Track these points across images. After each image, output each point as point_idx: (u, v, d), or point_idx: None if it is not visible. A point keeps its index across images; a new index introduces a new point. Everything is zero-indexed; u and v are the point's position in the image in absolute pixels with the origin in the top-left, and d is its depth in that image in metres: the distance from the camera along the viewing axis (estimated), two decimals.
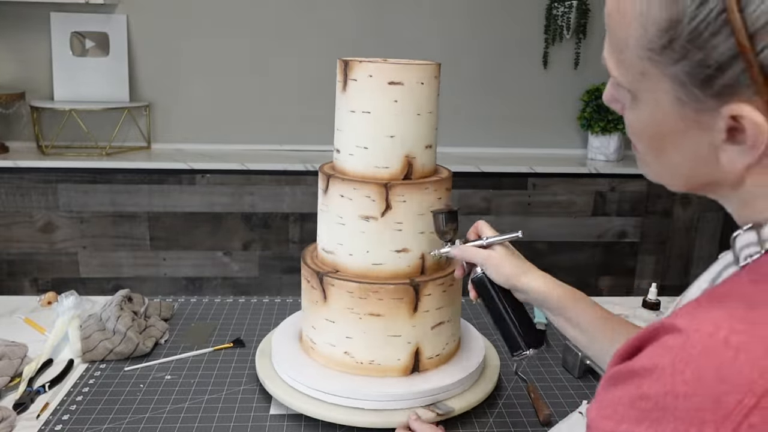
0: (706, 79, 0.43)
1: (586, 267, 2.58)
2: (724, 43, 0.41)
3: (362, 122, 1.00)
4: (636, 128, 0.51)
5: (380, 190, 0.98)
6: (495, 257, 0.86)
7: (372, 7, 2.56)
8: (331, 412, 0.97)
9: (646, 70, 0.47)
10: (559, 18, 2.61)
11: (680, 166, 0.50)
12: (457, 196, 2.41)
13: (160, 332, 1.25)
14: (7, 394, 1.06)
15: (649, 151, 0.52)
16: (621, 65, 0.49)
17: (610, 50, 0.50)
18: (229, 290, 2.45)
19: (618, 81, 0.50)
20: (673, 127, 0.47)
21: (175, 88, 2.57)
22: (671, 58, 0.44)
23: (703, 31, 0.42)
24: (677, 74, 0.44)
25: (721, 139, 0.45)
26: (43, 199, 2.29)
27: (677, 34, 0.43)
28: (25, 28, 2.46)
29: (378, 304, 0.99)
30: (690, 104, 0.45)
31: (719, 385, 0.37)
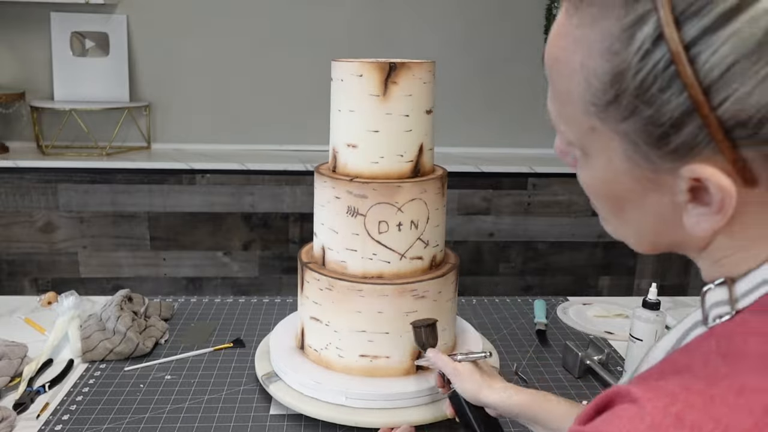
0: (660, 138, 0.38)
1: (586, 267, 2.58)
2: (676, 97, 0.36)
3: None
4: (590, 187, 0.46)
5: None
6: (461, 370, 0.87)
7: (372, 7, 2.56)
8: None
9: (594, 125, 0.41)
10: None
11: (643, 228, 0.45)
12: (457, 196, 2.41)
13: (160, 332, 1.25)
14: (7, 394, 1.06)
15: (607, 211, 0.47)
16: (567, 120, 0.44)
17: (553, 103, 0.45)
18: (229, 290, 2.45)
19: (565, 137, 0.45)
20: (629, 187, 0.42)
21: (175, 88, 2.57)
22: (619, 115, 0.39)
23: (650, 85, 0.37)
24: (628, 132, 0.39)
25: (684, 199, 0.40)
26: (43, 199, 2.29)
27: (623, 88, 0.38)
28: (25, 28, 2.46)
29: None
30: (645, 164, 0.40)
31: None
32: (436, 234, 1.06)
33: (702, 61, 0.35)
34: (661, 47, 0.36)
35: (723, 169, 0.37)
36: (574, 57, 0.41)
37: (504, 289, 2.53)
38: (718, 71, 0.35)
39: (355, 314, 1.01)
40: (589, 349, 1.19)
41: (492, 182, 2.44)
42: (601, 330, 1.35)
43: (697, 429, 0.33)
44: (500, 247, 2.51)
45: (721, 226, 0.39)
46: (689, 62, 0.35)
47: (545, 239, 2.53)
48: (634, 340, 1.10)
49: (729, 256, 0.42)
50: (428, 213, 1.03)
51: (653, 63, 0.36)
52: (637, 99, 0.38)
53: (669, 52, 0.36)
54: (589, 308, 1.46)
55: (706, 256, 0.44)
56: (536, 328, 1.34)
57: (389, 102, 0.98)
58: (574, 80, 0.41)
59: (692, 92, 0.35)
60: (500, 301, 1.49)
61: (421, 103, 1.00)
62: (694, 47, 0.35)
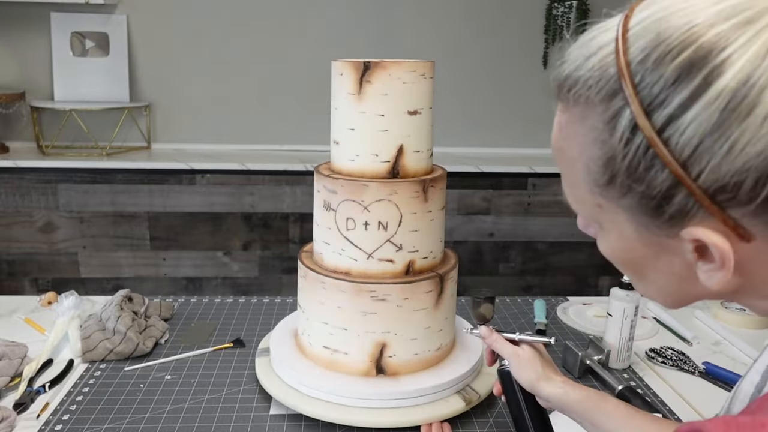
0: (655, 209, 0.43)
1: (586, 267, 2.58)
2: (661, 174, 0.41)
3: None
4: (610, 256, 0.51)
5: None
6: (521, 356, 0.84)
7: (372, 8, 2.56)
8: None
9: (600, 203, 0.47)
10: (559, 18, 2.61)
11: (665, 287, 0.49)
12: (457, 196, 2.41)
13: (160, 332, 1.25)
14: (7, 394, 1.06)
15: (631, 275, 0.52)
16: (579, 201, 0.49)
17: (565, 186, 0.51)
18: (229, 290, 2.45)
19: (582, 215, 0.51)
20: (643, 252, 0.47)
21: (175, 88, 2.57)
22: (618, 193, 0.45)
23: (637, 166, 0.42)
24: (629, 206, 0.45)
25: (692, 258, 0.44)
26: (43, 199, 2.29)
27: (615, 170, 0.43)
28: (25, 28, 2.46)
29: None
30: (650, 231, 0.45)
31: None
32: (415, 239, 1.02)
33: (674, 143, 0.40)
34: (639, 134, 0.41)
35: (717, 228, 0.41)
36: (573, 147, 0.47)
37: (504, 289, 2.53)
38: (689, 150, 0.40)
39: (319, 305, 1.03)
40: (589, 349, 1.19)
41: (492, 182, 2.44)
42: (601, 330, 1.35)
43: None
44: (500, 247, 2.51)
45: (731, 278, 0.43)
46: (664, 144, 0.40)
47: (545, 239, 2.53)
48: (609, 315, 1.20)
49: (765, 294, 0.45)
50: (400, 216, 1.00)
51: (635, 148, 0.42)
52: (629, 178, 0.43)
53: (645, 138, 0.41)
54: (589, 308, 1.46)
55: (750, 297, 0.47)
56: (536, 328, 1.34)
57: (364, 101, 0.98)
58: (576, 167, 0.47)
59: (672, 168, 0.40)
60: (500, 301, 1.49)
61: (400, 104, 0.98)
62: (664, 132, 0.40)
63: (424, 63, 1.00)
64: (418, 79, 0.99)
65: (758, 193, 0.39)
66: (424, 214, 1.02)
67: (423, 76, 0.99)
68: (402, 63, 0.97)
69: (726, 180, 0.39)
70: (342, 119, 1.01)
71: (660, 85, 0.40)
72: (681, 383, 1.15)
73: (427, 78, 1.00)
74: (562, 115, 0.47)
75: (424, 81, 1.00)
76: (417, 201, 1.01)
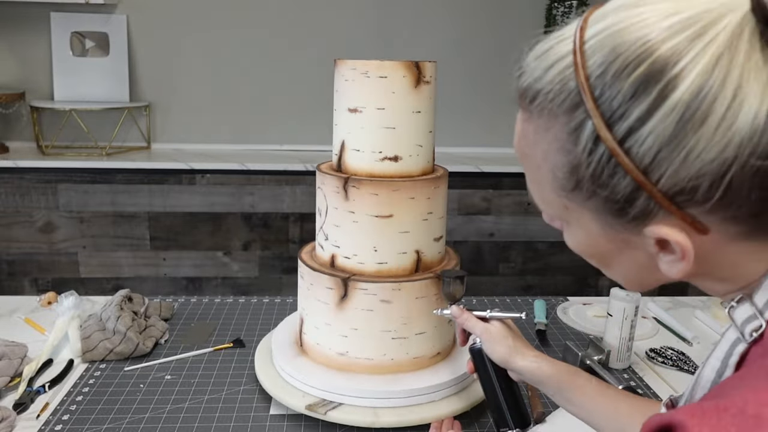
0: (619, 210, 0.45)
1: (586, 267, 2.56)
2: (623, 180, 0.44)
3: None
4: (577, 249, 0.55)
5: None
6: (492, 332, 0.86)
7: (372, 8, 2.56)
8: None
9: (566, 204, 0.50)
10: (559, 18, 2.61)
11: (629, 275, 0.53)
12: (457, 196, 2.41)
13: (160, 332, 1.25)
14: (7, 394, 1.06)
15: (597, 265, 0.55)
16: (544, 201, 0.52)
17: (530, 187, 0.53)
18: (229, 290, 2.45)
19: (548, 213, 0.54)
20: (608, 247, 0.50)
21: (175, 88, 2.57)
22: (584, 196, 0.47)
23: (600, 173, 0.44)
24: (594, 207, 0.47)
25: (654, 251, 0.47)
26: (43, 199, 2.29)
27: (580, 177, 0.46)
28: (25, 28, 2.46)
29: None
30: (615, 229, 0.48)
31: None
32: (338, 235, 1.04)
33: (635, 152, 0.42)
34: (601, 145, 0.43)
35: (676, 224, 0.44)
36: (537, 154, 0.49)
37: (504, 289, 2.53)
38: (648, 158, 0.42)
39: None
40: (589, 349, 1.19)
41: (492, 182, 2.44)
42: (601, 330, 1.35)
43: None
44: (500, 247, 2.51)
45: (692, 268, 0.46)
46: (625, 154, 0.43)
47: (545, 239, 2.53)
48: (609, 315, 1.21)
49: (724, 279, 0.48)
50: (326, 206, 1.05)
51: (598, 157, 0.44)
52: (593, 185, 0.45)
53: (607, 148, 0.43)
54: (589, 308, 1.46)
55: (704, 281, 0.50)
56: (536, 328, 1.34)
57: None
58: (542, 172, 0.49)
59: (634, 175, 0.43)
60: (500, 301, 1.49)
61: (342, 101, 1.02)
62: (625, 143, 0.43)
63: (367, 62, 1.00)
64: (358, 77, 1.00)
65: (713, 195, 0.42)
66: (345, 213, 1.02)
67: (365, 74, 0.99)
68: (346, 61, 1.00)
69: (684, 184, 0.42)
70: None
71: (619, 100, 0.42)
72: (681, 383, 1.15)
73: (371, 77, 0.99)
74: (526, 124, 0.49)
75: (366, 80, 0.99)
76: (337, 198, 1.02)
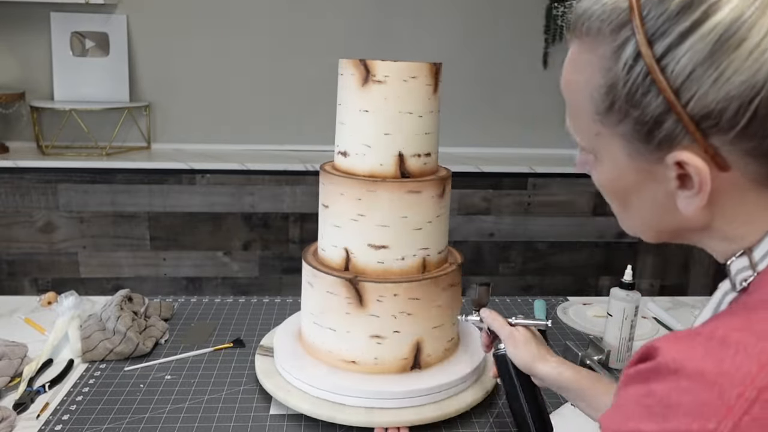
0: (647, 133, 0.48)
1: (586, 267, 2.58)
2: (655, 100, 0.46)
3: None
4: (602, 185, 0.56)
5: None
6: (517, 337, 0.89)
7: (372, 8, 2.56)
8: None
9: (599, 131, 0.52)
10: (559, 18, 2.61)
11: (647, 217, 0.54)
12: (457, 196, 2.41)
13: (160, 332, 1.25)
14: (7, 394, 1.06)
15: (618, 206, 0.56)
16: (580, 130, 0.54)
17: (569, 118, 0.55)
18: (229, 290, 2.45)
19: (581, 144, 0.55)
20: (632, 180, 0.52)
21: (175, 88, 2.57)
22: (616, 119, 0.49)
23: (635, 91, 0.47)
24: (624, 132, 0.49)
25: (674, 186, 0.49)
26: (43, 199, 2.29)
27: (616, 97, 0.48)
28: (25, 28, 2.46)
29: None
30: (640, 157, 0.50)
31: (720, 380, 0.39)
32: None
33: (670, 70, 0.45)
34: (640, 62, 0.46)
35: (699, 154, 0.46)
36: (581, 78, 0.52)
37: (504, 289, 2.53)
38: (682, 78, 0.44)
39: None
40: (589, 349, 1.19)
41: (492, 182, 2.44)
42: (601, 330, 1.35)
43: (742, 346, 0.40)
44: (500, 247, 2.51)
45: (706, 205, 0.48)
46: (661, 72, 0.45)
47: (545, 239, 2.53)
48: (609, 315, 1.20)
49: (733, 230, 0.50)
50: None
51: (636, 75, 0.46)
52: (627, 104, 0.48)
53: (645, 65, 0.46)
54: (589, 308, 1.46)
55: (710, 238, 0.52)
56: (536, 328, 1.33)
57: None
58: (581, 96, 0.52)
59: (666, 95, 0.45)
60: (500, 301, 1.49)
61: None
62: (663, 60, 0.45)
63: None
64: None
65: (738, 121, 0.44)
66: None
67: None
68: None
69: (711, 108, 0.44)
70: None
71: (664, 17, 0.45)
72: None
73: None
74: (575, 48, 0.52)
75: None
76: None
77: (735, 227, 0.49)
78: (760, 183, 0.47)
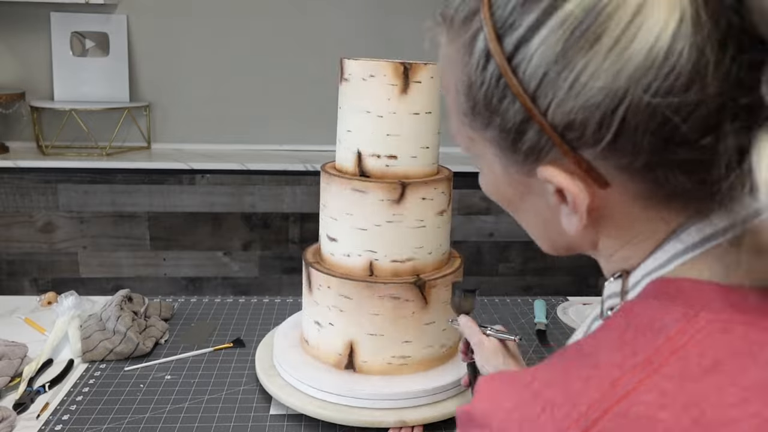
0: (512, 143, 0.40)
1: (586, 267, 2.58)
2: (512, 106, 0.38)
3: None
4: (486, 191, 0.49)
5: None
6: (486, 347, 0.85)
7: (372, 7, 2.56)
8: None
9: (471, 136, 0.44)
10: None
11: (535, 229, 0.48)
12: (457, 196, 2.41)
13: (160, 332, 1.25)
14: (7, 394, 1.06)
15: (509, 212, 0.49)
16: (455, 133, 0.47)
17: (449, 120, 0.48)
18: (229, 290, 2.45)
19: (461, 149, 0.48)
20: (511, 190, 0.45)
21: (175, 88, 2.56)
22: (481, 123, 0.41)
23: (492, 96, 0.39)
24: (492, 139, 0.42)
25: (553, 201, 0.41)
26: (43, 199, 2.29)
27: (476, 99, 0.40)
28: (25, 28, 2.46)
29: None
30: (513, 168, 0.42)
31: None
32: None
33: (522, 71, 0.37)
34: (492, 61, 0.38)
35: (570, 170, 0.38)
36: (447, 73, 0.43)
37: (504, 289, 2.53)
38: (536, 81, 0.36)
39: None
40: None
41: None
42: None
43: (549, 405, 0.35)
44: (500, 247, 2.51)
45: (588, 224, 0.41)
46: (513, 73, 0.37)
47: None
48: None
49: (617, 251, 0.44)
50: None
51: (489, 76, 0.39)
52: (487, 109, 0.40)
53: (497, 66, 0.38)
54: (589, 308, 1.46)
55: (599, 256, 0.46)
56: (536, 328, 1.34)
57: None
58: (450, 95, 0.44)
59: (522, 101, 0.37)
60: (500, 301, 1.49)
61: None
62: (514, 59, 0.37)
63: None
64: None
65: (603, 135, 0.36)
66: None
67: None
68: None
69: (572, 117, 0.36)
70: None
71: (511, 6, 0.37)
72: None
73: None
74: (441, 39, 0.44)
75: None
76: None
77: (619, 248, 0.43)
78: (644, 199, 0.39)
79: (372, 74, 0.97)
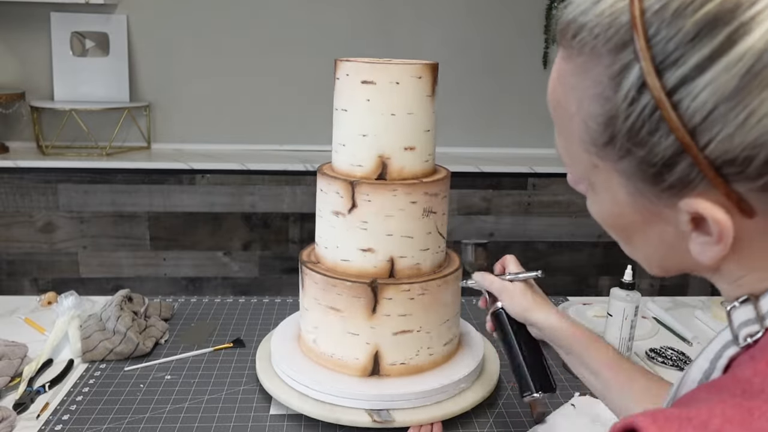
0: (655, 176, 0.40)
1: (586, 267, 2.58)
2: (665, 139, 0.38)
3: (340, 120, 1.02)
4: (599, 218, 0.48)
5: (347, 187, 1.00)
6: (511, 289, 0.88)
7: (372, 7, 2.56)
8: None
9: (595, 163, 0.44)
10: None
11: (652, 256, 0.47)
12: (457, 196, 2.41)
13: (160, 332, 1.25)
14: (7, 394, 1.06)
15: (618, 238, 0.49)
16: (572, 157, 0.46)
17: (559, 140, 0.47)
18: (229, 290, 2.45)
19: (572, 172, 0.48)
20: (634, 219, 0.44)
21: (175, 88, 2.57)
22: (616, 155, 0.41)
23: (640, 129, 0.39)
24: (626, 170, 0.41)
25: (687, 229, 0.41)
26: (43, 199, 2.29)
27: (616, 131, 0.40)
28: (25, 28, 2.46)
29: (337, 299, 1.00)
30: (645, 199, 0.42)
31: None
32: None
33: (684, 107, 0.37)
34: (646, 94, 0.38)
35: (719, 201, 0.38)
36: (571, 101, 0.43)
37: None
38: (700, 116, 0.36)
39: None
40: None
41: (492, 182, 2.44)
42: (601, 330, 1.34)
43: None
44: (500, 247, 2.51)
45: (725, 254, 0.40)
46: (672, 108, 0.37)
47: (545, 239, 2.53)
48: (609, 315, 1.19)
49: (745, 276, 0.43)
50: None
51: (640, 108, 0.38)
52: (629, 141, 0.40)
53: (653, 98, 0.37)
54: (589, 308, 1.46)
55: (721, 278, 0.45)
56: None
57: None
58: (574, 122, 0.43)
59: (679, 135, 0.37)
60: None
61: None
62: (675, 94, 0.37)
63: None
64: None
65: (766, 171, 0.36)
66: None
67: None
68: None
69: (736, 153, 0.36)
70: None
71: (676, 41, 0.36)
72: None
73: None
74: (563, 64, 0.44)
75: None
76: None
77: (748, 272, 0.42)
78: None
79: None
